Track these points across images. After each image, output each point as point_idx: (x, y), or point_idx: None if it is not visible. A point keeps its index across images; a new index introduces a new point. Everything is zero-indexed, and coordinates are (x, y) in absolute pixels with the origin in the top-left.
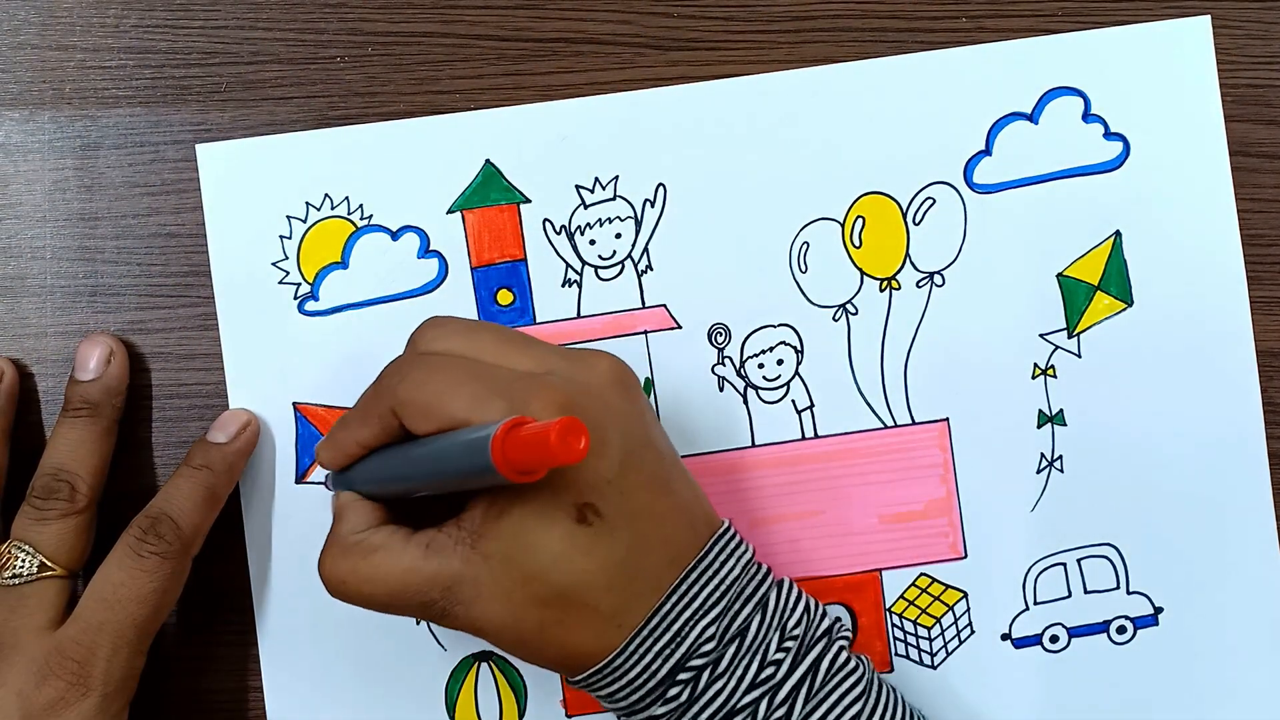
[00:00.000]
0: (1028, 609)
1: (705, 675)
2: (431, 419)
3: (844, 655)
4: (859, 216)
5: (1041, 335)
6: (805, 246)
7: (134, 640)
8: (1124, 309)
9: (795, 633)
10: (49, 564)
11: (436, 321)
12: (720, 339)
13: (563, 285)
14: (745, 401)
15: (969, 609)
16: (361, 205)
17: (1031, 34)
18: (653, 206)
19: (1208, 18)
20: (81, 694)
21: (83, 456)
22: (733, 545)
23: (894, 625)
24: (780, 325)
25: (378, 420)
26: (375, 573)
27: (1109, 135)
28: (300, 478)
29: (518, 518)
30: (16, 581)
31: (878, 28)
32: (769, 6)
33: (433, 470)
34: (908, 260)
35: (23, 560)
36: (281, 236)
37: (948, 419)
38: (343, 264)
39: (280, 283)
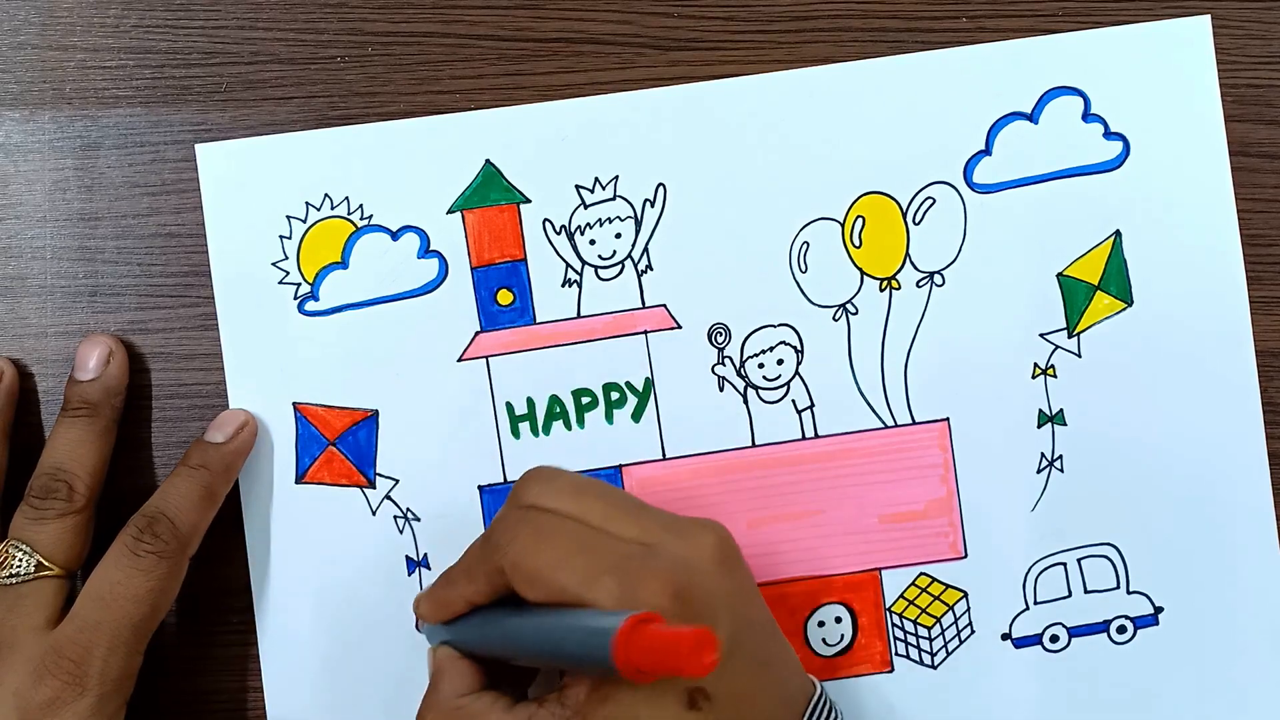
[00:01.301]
0: (1028, 609)
1: None
2: (540, 588)
3: None
4: (859, 216)
5: (1041, 335)
6: (805, 246)
7: (130, 640)
8: (1124, 309)
9: None
10: (46, 563)
11: (543, 475)
12: (720, 339)
13: (563, 285)
14: (745, 401)
15: (969, 609)
16: (361, 205)
17: (1031, 34)
18: (653, 206)
19: (1208, 18)
20: (78, 693)
21: (81, 456)
22: (824, 712)
23: (894, 625)
24: (780, 325)
25: (485, 579)
26: None
27: (1109, 135)
28: (300, 478)
29: (627, 704)
30: (14, 581)
31: (878, 28)
32: (769, 6)
33: (545, 649)
34: (908, 260)
35: (20, 559)
36: (281, 236)
37: (948, 419)
38: (343, 264)
39: (280, 283)
